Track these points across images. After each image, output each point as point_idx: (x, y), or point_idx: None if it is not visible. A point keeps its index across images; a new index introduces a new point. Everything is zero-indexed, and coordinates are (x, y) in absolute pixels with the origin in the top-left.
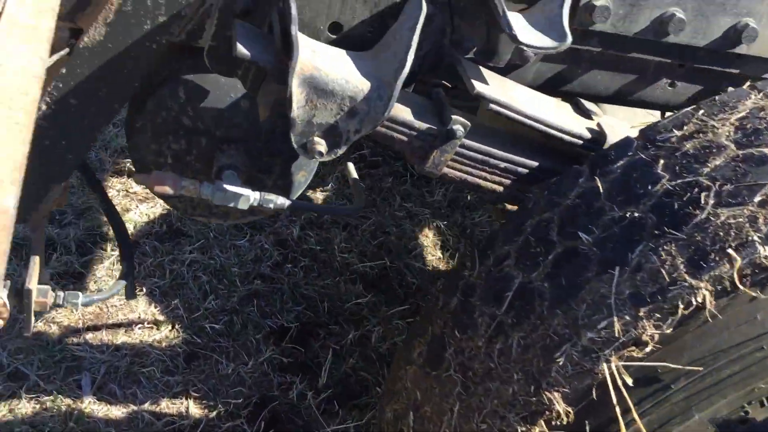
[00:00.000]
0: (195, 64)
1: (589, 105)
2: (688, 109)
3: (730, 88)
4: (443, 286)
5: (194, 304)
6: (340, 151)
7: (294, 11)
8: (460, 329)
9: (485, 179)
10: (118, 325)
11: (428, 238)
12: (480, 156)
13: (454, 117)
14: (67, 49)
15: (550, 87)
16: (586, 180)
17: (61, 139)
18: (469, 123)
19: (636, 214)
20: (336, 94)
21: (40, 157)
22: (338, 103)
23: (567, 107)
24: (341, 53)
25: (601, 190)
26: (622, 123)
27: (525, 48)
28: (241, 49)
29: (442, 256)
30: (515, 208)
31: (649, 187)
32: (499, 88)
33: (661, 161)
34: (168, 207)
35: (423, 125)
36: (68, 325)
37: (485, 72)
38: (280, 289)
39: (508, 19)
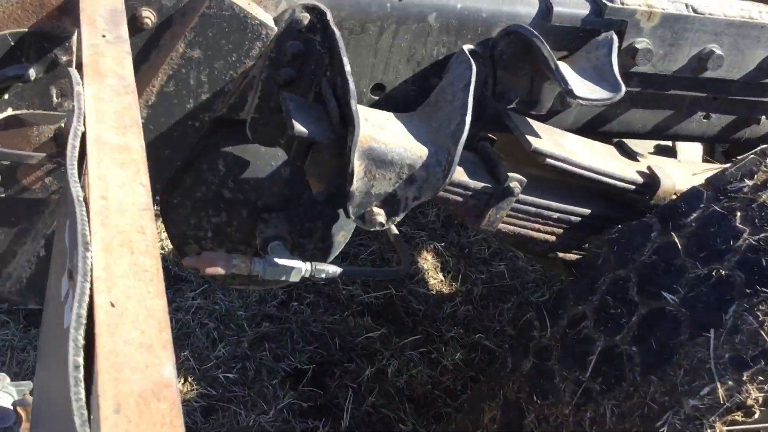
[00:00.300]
0: (233, 135)
1: (632, 145)
2: (753, 155)
3: (764, 117)
4: (510, 347)
5: (204, 353)
6: (398, 219)
7: (353, 86)
8: (540, 395)
9: (538, 231)
10: None
11: (428, 261)
12: (534, 209)
13: (510, 174)
14: None
15: (589, 128)
16: (659, 234)
17: None
18: (524, 179)
19: (723, 272)
20: (395, 163)
21: None
22: (397, 172)
23: (612, 150)
24: (390, 117)
25: (679, 246)
26: (669, 164)
27: (581, 101)
28: (299, 128)
29: (443, 278)
30: (566, 255)
31: (731, 242)
32: (551, 140)
33: (738, 214)
34: (161, 252)
35: (478, 184)
36: None
37: (534, 124)
38: (289, 329)
39: (563, 74)
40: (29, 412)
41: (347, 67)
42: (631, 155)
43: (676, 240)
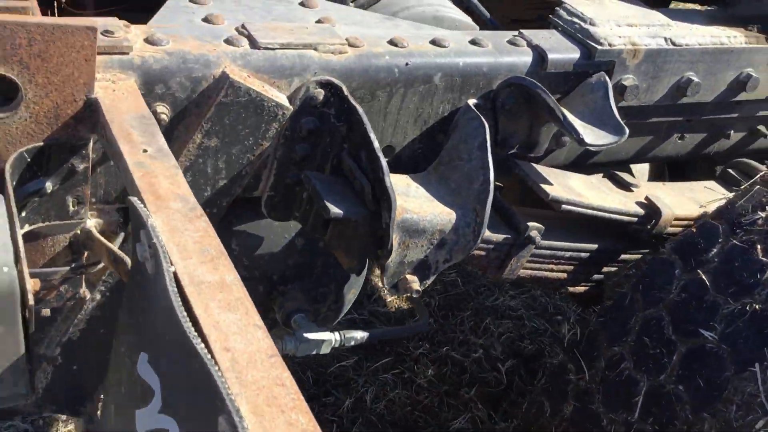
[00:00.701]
0: (244, 213)
1: (624, 175)
2: (758, 186)
3: (732, 132)
4: (545, 391)
5: None
6: (429, 282)
7: (384, 163)
8: None
9: (551, 270)
10: None
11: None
12: (548, 251)
13: (530, 224)
14: (122, 235)
15: (579, 162)
16: (683, 272)
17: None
18: (542, 227)
19: (756, 306)
20: (426, 231)
21: (97, 348)
22: (428, 239)
23: (607, 183)
24: (409, 181)
25: (707, 282)
26: (659, 189)
27: (591, 148)
28: (334, 210)
29: None
30: (576, 289)
31: (758, 276)
32: (560, 185)
33: (759, 246)
34: None
35: (499, 237)
36: None
37: (541, 169)
38: None
39: (572, 123)
40: None
41: (376, 144)
42: (624, 186)
43: (703, 277)
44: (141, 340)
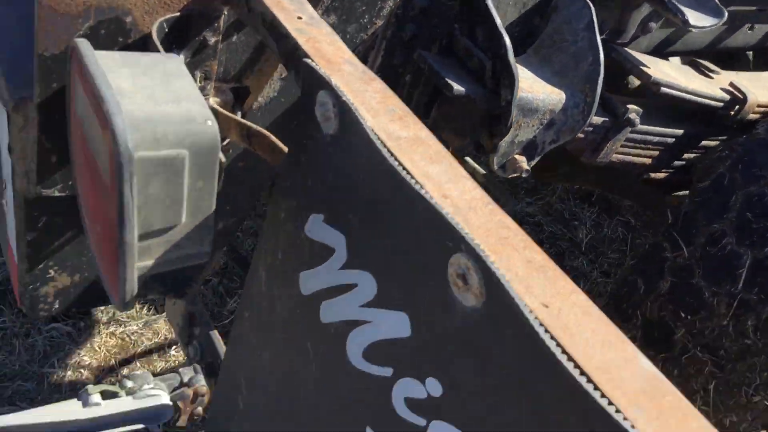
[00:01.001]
0: None
1: (705, 62)
2: None
3: None
4: (639, 270)
5: (215, 309)
6: (534, 162)
7: (508, 41)
8: (688, 311)
9: (639, 155)
10: (149, 352)
11: None
12: (639, 136)
13: (629, 106)
14: (239, 113)
15: (659, 50)
16: None
17: (226, 204)
18: (641, 109)
19: None
20: (539, 110)
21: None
22: (539, 119)
23: (690, 70)
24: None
25: None
26: (740, 77)
27: (694, 30)
28: (457, 87)
29: None
30: (657, 175)
31: None
32: (656, 69)
33: None
34: None
35: (598, 120)
36: (99, 366)
37: (636, 55)
38: None
39: (677, 5)
40: (187, 402)
41: (498, 20)
42: (705, 73)
43: None
44: (313, 201)
